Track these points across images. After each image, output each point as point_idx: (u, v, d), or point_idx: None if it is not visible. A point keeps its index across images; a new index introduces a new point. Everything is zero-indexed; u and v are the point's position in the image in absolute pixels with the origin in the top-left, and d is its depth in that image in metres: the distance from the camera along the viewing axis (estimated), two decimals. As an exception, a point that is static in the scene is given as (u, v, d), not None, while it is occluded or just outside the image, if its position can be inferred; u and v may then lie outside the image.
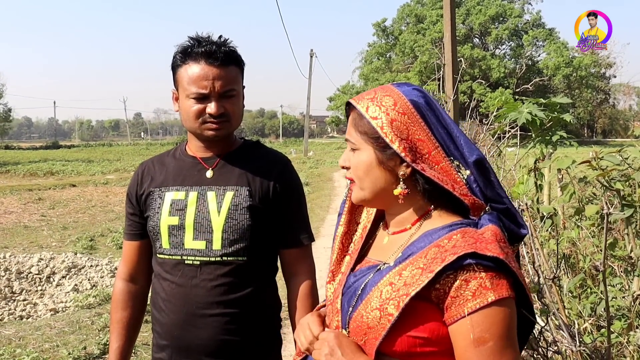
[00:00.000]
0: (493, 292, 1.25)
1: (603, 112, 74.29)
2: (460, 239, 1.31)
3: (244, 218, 2.06)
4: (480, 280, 1.25)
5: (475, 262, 1.25)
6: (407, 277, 1.32)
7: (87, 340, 5.73)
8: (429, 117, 1.41)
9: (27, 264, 8.63)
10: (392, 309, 1.31)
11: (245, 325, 2.06)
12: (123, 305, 2.29)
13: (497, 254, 1.25)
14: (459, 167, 1.41)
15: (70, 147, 69.81)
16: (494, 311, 1.25)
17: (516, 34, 59.79)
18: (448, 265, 1.26)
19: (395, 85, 1.46)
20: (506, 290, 1.27)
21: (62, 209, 15.44)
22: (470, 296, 1.25)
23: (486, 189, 1.42)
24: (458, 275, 1.26)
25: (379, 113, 1.39)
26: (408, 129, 1.38)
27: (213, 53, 2.03)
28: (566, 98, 4.32)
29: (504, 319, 1.26)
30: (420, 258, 1.34)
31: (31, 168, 28.53)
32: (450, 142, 1.41)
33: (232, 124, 2.10)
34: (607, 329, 2.09)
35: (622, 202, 2.94)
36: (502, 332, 1.26)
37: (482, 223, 1.37)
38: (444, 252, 1.30)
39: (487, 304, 1.24)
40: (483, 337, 1.24)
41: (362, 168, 1.45)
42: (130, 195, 2.28)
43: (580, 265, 3.88)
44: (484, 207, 1.41)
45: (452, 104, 6.52)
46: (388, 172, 1.42)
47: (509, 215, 1.43)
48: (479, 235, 1.31)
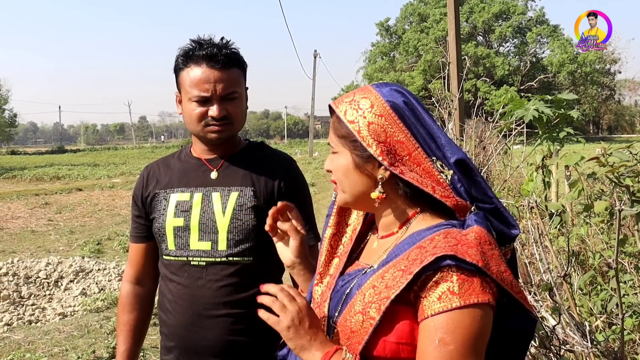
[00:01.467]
0: (459, 298, 1.20)
1: (608, 108, 74.07)
2: (442, 240, 1.27)
3: (249, 218, 2.06)
4: (450, 284, 1.21)
5: (454, 264, 1.21)
6: (389, 280, 1.29)
7: (95, 344, 5.74)
8: (407, 118, 1.38)
9: (35, 268, 8.64)
10: (373, 313, 1.28)
11: (252, 326, 2.05)
12: (130, 307, 2.29)
13: (476, 261, 1.21)
14: (442, 167, 1.38)
15: (76, 151, 70.04)
16: (459, 316, 1.20)
17: (520, 31, 59.62)
18: (426, 266, 1.23)
19: (374, 86, 1.43)
20: (475, 296, 1.21)
21: (68, 213, 15.47)
22: (437, 298, 1.22)
23: (471, 189, 1.38)
24: (430, 277, 1.23)
25: (356, 117, 1.37)
26: (386, 131, 1.35)
27: (214, 56, 2.02)
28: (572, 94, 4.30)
29: (470, 325, 1.21)
30: (402, 260, 1.31)
31: (37, 173, 28.59)
32: (431, 141, 1.38)
33: (234, 126, 2.10)
34: (620, 327, 2.07)
35: (632, 198, 2.92)
36: (465, 338, 1.20)
37: (468, 223, 1.33)
38: (424, 252, 1.26)
39: (450, 309, 1.20)
40: (444, 338, 1.20)
41: (341, 172, 1.44)
42: (135, 198, 2.29)
43: (590, 262, 3.86)
44: (469, 208, 1.37)
45: (457, 102, 6.51)
46: (366, 175, 1.40)
47: (498, 215, 1.39)
48: (461, 237, 1.27)
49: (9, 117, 61.18)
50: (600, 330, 2.95)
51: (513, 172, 6.27)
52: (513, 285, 1.28)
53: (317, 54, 48.08)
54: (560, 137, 4.27)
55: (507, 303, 1.30)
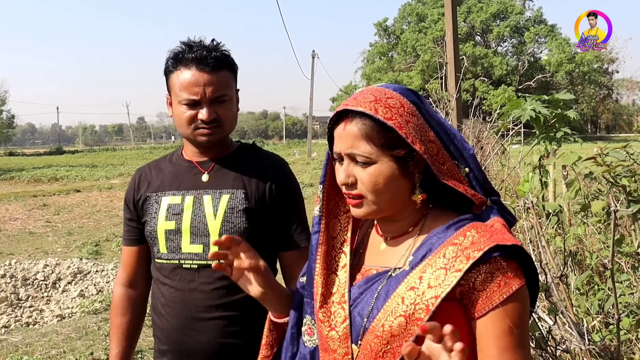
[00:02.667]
0: (515, 281, 1.27)
1: (606, 108, 74.06)
2: (477, 235, 1.31)
3: (241, 221, 2.05)
4: (503, 270, 1.27)
5: (499, 254, 1.27)
6: (431, 279, 1.29)
7: (93, 346, 5.73)
8: (428, 118, 1.38)
9: (33, 270, 8.63)
10: (420, 314, 1.27)
11: (245, 328, 2.05)
12: (122, 310, 2.28)
13: (515, 242, 1.28)
14: (458, 167, 1.40)
15: (74, 152, 69.89)
16: (518, 299, 1.28)
17: (518, 31, 59.63)
18: (475, 262, 1.26)
19: (386, 87, 1.40)
20: (522, 277, 1.29)
21: (66, 215, 15.47)
22: (497, 287, 1.27)
23: (485, 182, 1.43)
24: (481, 269, 1.27)
25: (392, 114, 1.31)
26: (420, 130, 1.35)
27: (204, 59, 2.01)
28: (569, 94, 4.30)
29: (526, 306, 1.30)
30: (438, 258, 1.31)
31: (35, 174, 28.57)
32: (449, 141, 1.40)
33: (225, 128, 2.09)
34: (616, 327, 2.07)
35: (629, 198, 2.92)
36: (525, 318, 1.30)
37: (486, 217, 1.40)
38: (464, 249, 1.29)
39: (513, 293, 1.26)
40: (514, 324, 1.27)
41: (383, 182, 1.34)
42: (127, 201, 2.28)
43: (587, 262, 3.86)
44: (486, 202, 1.43)
45: (455, 102, 6.51)
46: (408, 179, 1.37)
47: (501, 205, 1.45)
48: (491, 228, 1.33)
49: (7, 119, 61.20)
50: (597, 330, 2.95)
51: (511, 172, 6.27)
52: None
53: (315, 55, 48.06)
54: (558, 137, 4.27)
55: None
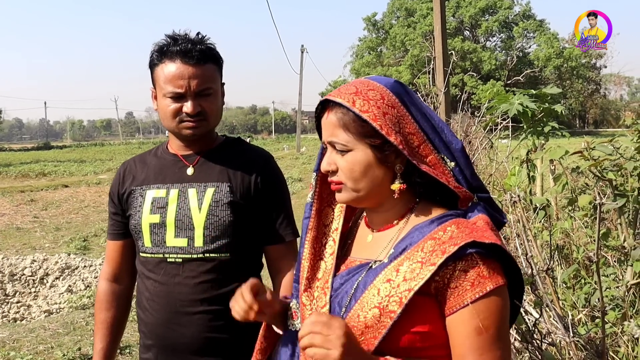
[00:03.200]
0: (490, 281, 1.26)
1: (594, 103, 74.49)
2: (456, 230, 1.30)
3: (226, 214, 2.04)
4: (478, 269, 1.26)
5: (475, 251, 1.26)
6: (406, 272, 1.30)
7: (81, 341, 5.71)
8: (413, 110, 1.39)
9: (20, 265, 8.58)
10: (393, 306, 1.28)
11: (230, 322, 2.02)
12: (107, 305, 2.27)
13: (495, 241, 1.26)
14: (444, 160, 1.39)
15: (62, 147, 69.52)
16: (493, 300, 1.26)
17: (506, 26, 59.86)
18: (450, 256, 1.26)
19: (373, 79, 1.42)
20: (501, 277, 1.28)
21: (54, 210, 15.38)
22: (469, 286, 1.26)
23: (472, 179, 1.41)
24: (457, 266, 1.26)
25: (369, 107, 1.34)
26: (399, 122, 1.35)
27: (189, 51, 2.00)
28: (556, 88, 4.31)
29: (502, 307, 1.28)
30: (416, 252, 1.31)
31: (23, 169, 28.38)
32: (434, 134, 1.39)
33: (209, 122, 2.09)
34: (601, 320, 2.09)
35: (615, 191, 2.94)
36: (500, 319, 1.27)
37: (470, 214, 1.38)
38: (441, 244, 1.29)
39: (486, 293, 1.25)
40: (485, 325, 1.25)
41: (359, 169, 1.37)
42: (112, 195, 2.27)
43: (574, 256, 3.88)
44: (472, 198, 1.41)
45: (443, 96, 6.53)
46: (387, 168, 1.38)
47: (491, 203, 1.44)
48: (472, 225, 1.32)
49: (-6, 114, 60.73)
50: (583, 324, 2.97)
51: (499, 166, 6.29)
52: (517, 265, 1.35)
53: (304, 49, 47.99)
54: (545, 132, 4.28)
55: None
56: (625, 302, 3.00)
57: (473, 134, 6.78)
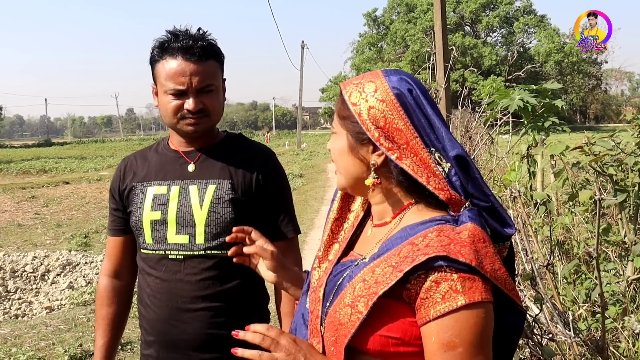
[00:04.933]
0: (464, 296, 1.18)
1: (595, 98, 74.39)
2: (435, 238, 1.24)
3: (227, 211, 2.04)
4: (452, 282, 1.19)
5: (447, 265, 1.19)
6: (379, 275, 1.28)
7: (83, 338, 5.71)
8: (409, 106, 1.35)
9: (22, 262, 8.59)
10: (361, 307, 1.27)
11: (232, 319, 2.03)
12: (108, 301, 2.27)
13: (469, 260, 1.18)
14: (440, 159, 1.35)
15: (63, 144, 69.55)
16: (465, 315, 1.19)
17: (507, 21, 59.78)
18: (417, 266, 1.21)
19: (384, 72, 1.41)
20: (479, 294, 1.19)
21: (55, 207, 15.38)
22: (440, 299, 1.20)
23: (467, 184, 1.35)
24: (429, 276, 1.21)
25: (359, 99, 1.36)
26: (385, 117, 1.34)
27: (190, 48, 1.99)
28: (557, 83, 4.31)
29: (475, 325, 1.19)
30: (393, 255, 1.29)
31: (24, 166, 28.39)
32: (431, 132, 1.35)
33: (211, 118, 2.08)
34: (601, 315, 2.08)
35: (615, 187, 2.94)
36: (473, 338, 1.19)
37: (461, 220, 1.30)
38: (416, 250, 1.24)
39: (457, 308, 1.18)
40: (452, 341, 1.19)
41: (336, 153, 1.44)
42: (113, 191, 2.26)
43: (575, 251, 3.88)
44: (464, 203, 1.34)
45: (443, 92, 6.52)
46: (359, 159, 1.39)
47: (494, 213, 1.36)
48: (454, 235, 1.24)
49: (-5, 110, 60.73)
50: (583, 319, 2.97)
51: (499, 162, 6.29)
52: (507, 283, 1.26)
53: (304, 45, 47.93)
54: (546, 127, 4.28)
55: (500, 300, 1.28)
56: (625, 297, 3.00)
57: (473, 130, 6.79)
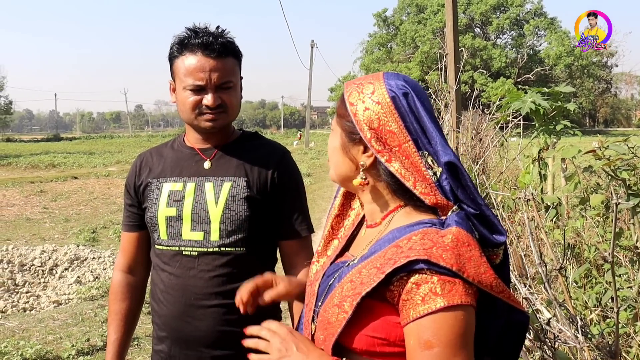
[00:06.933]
0: (443, 298, 1.20)
1: (605, 102, 74.19)
2: (418, 241, 1.26)
3: (242, 209, 2.05)
4: (432, 285, 1.21)
5: (428, 268, 1.21)
6: (365, 276, 1.30)
7: (90, 332, 5.74)
8: (404, 110, 1.36)
9: (30, 256, 8.63)
10: (347, 307, 1.29)
11: (244, 316, 2.04)
12: (121, 296, 2.28)
13: (450, 265, 1.20)
14: (432, 163, 1.35)
15: (72, 139, 69.75)
16: (443, 317, 1.20)
17: (517, 24, 59.60)
18: (399, 268, 1.23)
19: (385, 75, 1.43)
20: (459, 297, 1.21)
21: (64, 201, 15.45)
22: (420, 300, 1.22)
23: (457, 190, 1.35)
24: (410, 278, 1.23)
25: (356, 100, 1.38)
26: (379, 119, 1.35)
27: (210, 44, 2.01)
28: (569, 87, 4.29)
29: (454, 326, 1.21)
30: (379, 257, 1.31)
31: (33, 160, 28.50)
32: (424, 136, 1.36)
33: (229, 114, 2.10)
34: (615, 320, 2.08)
35: (628, 191, 2.92)
36: (450, 339, 1.21)
37: (447, 223, 1.31)
38: (399, 253, 1.26)
39: (435, 310, 1.20)
40: (429, 341, 1.21)
41: (330, 149, 1.48)
42: (128, 187, 2.27)
43: (585, 255, 3.86)
44: (451, 207, 1.34)
45: (454, 93, 6.50)
46: (349, 159, 1.42)
47: (484, 220, 1.36)
48: (438, 239, 1.25)
49: (5, 104, 61.07)
50: (595, 324, 2.96)
51: (509, 164, 6.26)
52: (493, 286, 1.27)
53: (314, 44, 47.96)
54: (557, 130, 4.26)
55: (492, 302, 1.29)
56: (637, 302, 2.99)
57: (484, 132, 6.77)
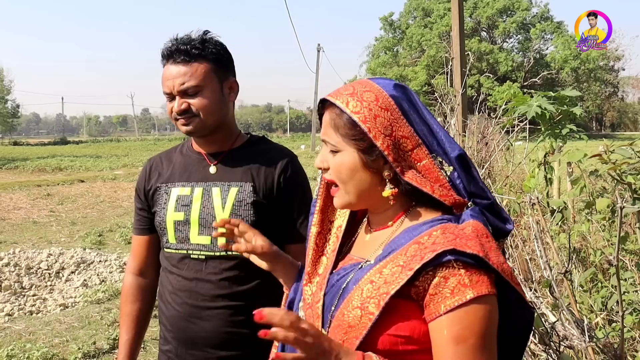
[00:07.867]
0: (472, 289, 1.21)
1: (612, 106, 73.99)
2: (440, 235, 1.27)
3: (249, 214, 2.08)
4: (459, 277, 1.22)
5: (455, 259, 1.22)
6: (388, 275, 1.29)
7: (96, 335, 5.75)
8: (410, 114, 1.37)
9: (37, 259, 8.65)
10: (372, 308, 1.28)
11: (250, 318, 2.06)
12: (132, 298, 2.32)
13: (477, 251, 1.22)
14: (441, 164, 1.38)
15: (78, 142, 70.10)
16: (474, 309, 1.22)
17: (524, 27, 59.49)
18: (427, 263, 1.23)
19: (373, 80, 1.42)
20: (486, 287, 1.23)
21: (70, 205, 15.50)
22: (449, 293, 1.22)
23: (469, 185, 1.38)
24: (437, 272, 1.23)
25: (361, 108, 1.34)
26: (392, 125, 1.34)
27: (175, 52, 2.08)
28: (576, 91, 4.29)
29: (484, 317, 1.23)
30: (400, 255, 1.31)
31: (39, 164, 28.60)
32: (432, 138, 1.37)
33: (203, 118, 2.11)
34: (620, 324, 2.07)
35: (634, 195, 2.92)
36: (482, 330, 1.22)
37: (463, 218, 1.33)
38: (423, 249, 1.27)
39: (466, 302, 1.21)
40: (463, 334, 1.21)
41: (345, 171, 1.39)
42: (138, 191, 2.32)
43: (591, 259, 3.86)
44: (466, 204, 1.38)
45: (460, 97, 6.50)
46: (373, 173, 1.38)
47: (493, 210, 1.38)
48: (459, 231, 1.27)
49: (12, 108, 61.16)
50: (600, 327, 2.95)
51: (515, 168, 6.26)
52: (512, 277, 1.29)
53: (320, 48, 47.98)
54: (563, 134, 4.26)
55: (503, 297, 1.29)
56: (643, 306, 2.98)
57: (490, 136, 6.76)
